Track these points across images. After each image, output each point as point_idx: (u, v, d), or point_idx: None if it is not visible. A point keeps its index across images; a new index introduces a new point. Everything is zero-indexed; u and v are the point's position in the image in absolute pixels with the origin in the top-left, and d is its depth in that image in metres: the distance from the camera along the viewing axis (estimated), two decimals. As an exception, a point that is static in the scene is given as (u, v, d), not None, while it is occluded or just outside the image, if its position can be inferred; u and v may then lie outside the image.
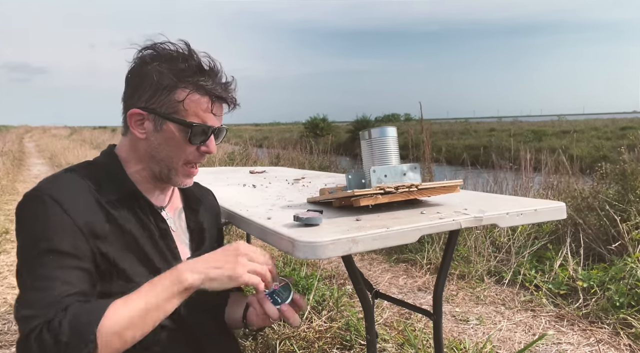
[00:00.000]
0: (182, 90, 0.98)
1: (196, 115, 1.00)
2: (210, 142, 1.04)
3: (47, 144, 20.96)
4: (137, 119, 1.01)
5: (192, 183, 1.10)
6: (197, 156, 1.05)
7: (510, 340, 2.30)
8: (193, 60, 0.99)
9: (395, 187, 1.14)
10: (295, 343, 2.20)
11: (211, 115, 1.01)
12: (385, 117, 41.86)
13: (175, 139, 1.00)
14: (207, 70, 1.00)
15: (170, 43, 1.00)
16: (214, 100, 1.01)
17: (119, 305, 0.82)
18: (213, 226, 1.24)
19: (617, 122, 28.11)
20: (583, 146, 14.12)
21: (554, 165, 4.77)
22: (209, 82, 0.99)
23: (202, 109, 1.00)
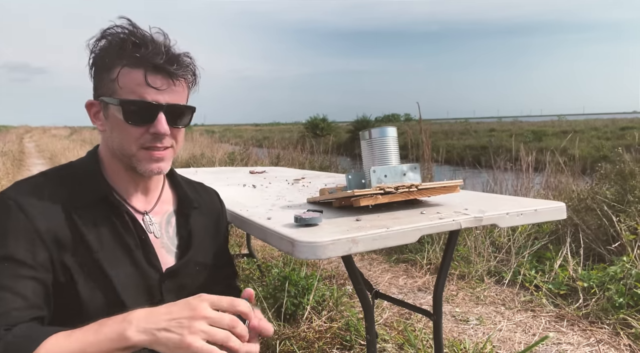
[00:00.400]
0: (116, 68, 0.89)
1: (132, 91, 0.89)
2: (158, 121, 0.91)
3: (47, 144, 20.96)
4: (95, 111, 0.95)
5: (167, 167, 0.98)
6: (150, 139, 0.92)
7: (510, 340, 2.30)
8: (131, 34, 0.90)
9: (395, 187, 1.14)
10: (295, 343, 2.20)
11: (150, 89, 0.89)
12: (385, 117, 41.85)
13: (118, 123, 0.91)
14: (143, 42, 0.89)
15: (117, 26, 0.91)
16: (150, 71, 0.89)
17: (59, 339, 0.73)
18: (209, 230, 1.13)
19: (617, 122, 28.11)
20: (583, 146, 14.12)
21: (553, 166, 4.77)
22: (141, 52, 0.88)
23: (137, 83, 0.89)
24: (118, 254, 0.93)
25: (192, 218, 1.08)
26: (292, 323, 2.42)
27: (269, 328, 0.83)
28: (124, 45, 0.89)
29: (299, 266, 3.14)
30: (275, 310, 2.44)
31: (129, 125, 0.90)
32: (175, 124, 0.95)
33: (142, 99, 0.89)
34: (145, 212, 1.01)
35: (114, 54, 0.89)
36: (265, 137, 20.04)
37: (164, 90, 0.91)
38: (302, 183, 1.94)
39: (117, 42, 0.89)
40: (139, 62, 0.88)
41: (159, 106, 0.90)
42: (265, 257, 3.65)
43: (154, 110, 0.90)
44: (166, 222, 1.05)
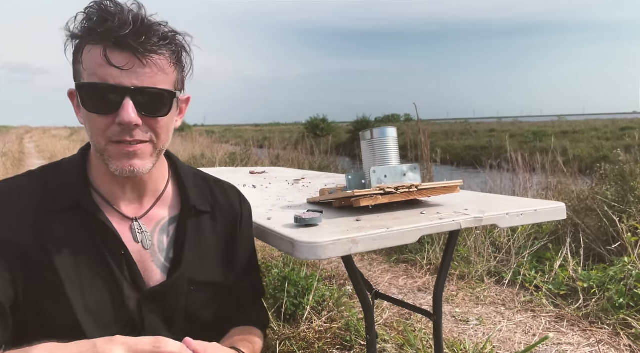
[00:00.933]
0: (81, 48, 0.76)
1: (93, 73, 0.74)
2: (122, 108, 0.74)
3: (47, 144, 20.95)
4: (75, 102, 0.82)
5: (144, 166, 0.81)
6: (117, 131, 0.76)
7: (510, 340, 2.30)
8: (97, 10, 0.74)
9: (395, 187, 1.14)
10: (295, 343, 2.20)
11: (113, 69, 0.73)
12: (385, 117, 41.86)
13: (84, 113, 0.78)
14: (107, 13, 0.73)
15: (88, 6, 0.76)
16: (111, 47, 0.73)
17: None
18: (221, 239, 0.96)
19: (617, 122, 28.12)
20: (583, 147, 14.13)
21: (552, 166, 4.77)
22: (106, 26, 0.72)
23: (97, 63, 0.73)
24: (91, 271, 0.81)
25: (193, 226, 0.92)
26: (292, 324, 2.42)
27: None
28: (89, 21, 0.74)
29: (299, 266, 3.14)
30: (275, 311, 2.44)
31: (93, 115, 0.76)
32: (150, 113, 0.77)
33: (102, 82, 0.73)
34: (134, 218, 0.87)
35: (81, 32, 0.75)
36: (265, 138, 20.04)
37: (129, 70, 0.74)
38: (302, 184, 1.94)
39: (84, 18, 0.75)
40: (100, 37, 0.73)
41: (123, 89, 0.74)
42: (265, 258, 3.65)
43: (117, 95, 0.74)
44: (161, 229, 0.90)
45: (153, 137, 0.80)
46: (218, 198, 0.98)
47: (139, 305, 0.84)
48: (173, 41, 0.79)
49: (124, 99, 0.74)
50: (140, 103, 0.76)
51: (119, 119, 0.75)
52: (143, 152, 0.80)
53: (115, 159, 0.78)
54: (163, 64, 0.78)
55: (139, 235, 0.87)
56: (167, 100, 0.79)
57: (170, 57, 0.79)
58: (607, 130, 21.86)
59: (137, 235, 0.86)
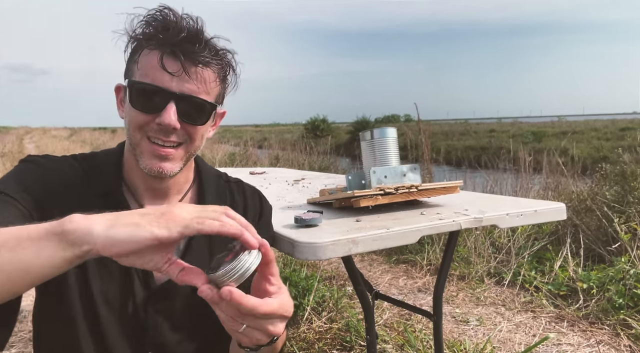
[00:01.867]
0: (139, 49, 0.81)
1: (146, 74, 0.79)
2: (165, 111, 0.79)
3: (47, 144, 20.95)
4: (121, 97, 0.87)
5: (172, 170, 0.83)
6: (155, 130, 0.80)
7: (510, 341, 2.30)
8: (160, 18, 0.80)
9: (395, 188, 1.14)
10: (295, 344, 2.20)
11: (165, 73, 0.78)
12: (385, 117, 41.86)
13: (127, 107, 0.83)
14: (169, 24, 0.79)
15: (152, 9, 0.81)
16: (168, 53, 0.78)
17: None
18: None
19: (617, 122, 28.12)
20: (583, 147, 14.13)
21: (553, 166, 4.77)
22: (167, 34, 0.78)
23: (152, 65, 0.79)
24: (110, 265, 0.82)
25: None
26: (292, 324, 2.41)
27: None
28: (151, 27, 0.80)
29: (299, 267, 3.14)
30: (275, 311, 2.44)
31: (135, 111, 0.80)
32: (189, 119, 0.82)
33: (152, 83, 0.78)
34: None
35: (142, 36, 0.81)
36: (265, 138, 20.03)
37: (179, 77, 0.79)
38: (302, 184, 1.94)
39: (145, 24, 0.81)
40: (159, 43, 0.78)
41: (170, 94, 0.79)
42: (265, 258, 3.65)
43: (163, 98, 0.79)
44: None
45: (188, 142, 0.84)
46: (235, 198, 0.99)
47: (144, 303, 0.85)
48: (223, 58, 0.84)
49: (168, 102, 0.79)
50: (181, 109, 0.80)
51: (159, 119, 0.79)
52: (174, 156, 0.83)
53: (146, 157, 0.82)
54: (210, 77, 0.82)
55: None
56: (207, 111, 0.84)
57: (218, 71, 0.84)
58: (607, 131, 21.85)
59: None
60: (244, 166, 8.25)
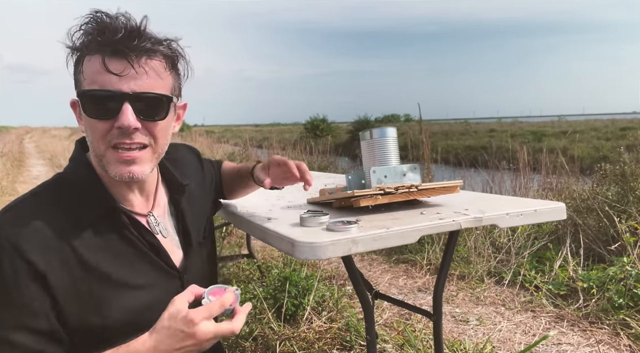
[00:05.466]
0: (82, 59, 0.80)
1: (93, 81, 0.77)
2: (122, 113, 0.77)
3: (47, 144, 20.95)
4: (77, 110, 0.85)
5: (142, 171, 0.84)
6: (117, 135, 0.79)
7: (510, 340, 2.30)
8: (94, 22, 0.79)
9: (395, 187, 1.14)
10: (295, 343, 2.20)
11: (111, 76, 0.77)
12: (385, 117, 41.85)
13: (85, 119, 0.81)
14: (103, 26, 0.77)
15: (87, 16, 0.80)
16: (108, 54, 0.77)
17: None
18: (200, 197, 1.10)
19: (617, 122, 28.12)
20: (583, 146, 14.13)
21: (552, 166, 4.77)
22: (103, 36, 0.77)
23: (96, 70, 0.77)
24: (137, 266, 0.88)
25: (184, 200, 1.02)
26: (292, 324, 2.41)
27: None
28: (88, 33, 0.78)
29: (299, 266, 3.14)
30: (276, 311, 2.44)
31: (93, 120, 0.79)
32: (149, 117, 0.81)
33: (101, 88, 0.77)
34: (148, 213, 0.95)
35: (81, 44, 0.79)
36: (265, 138, 20.03)
37: (127, 76, 0.77)
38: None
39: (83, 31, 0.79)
40: (98, 46, 0.77)
41: (122, 95, 0.77)
42: (265, 258, 3.65)
43: (116, 100, 0.77)
44: (168, 214, 1.00)
45: (152, 141, 0.84)
46: (185, 166, 1.09)
47: (181, 282, 0.95)
48: (167, 46, 0.83)
49: (122, 104, 0.78)
50: (138, 108, 0.79)
51: (118, 123, 0.78)
52: (142, 159, 0.84)
53: (113, 165, 0.82)
54: (158, 69, 0.81)
55: (157, 227, 0.95)
56: (165, 105, 0.83)
57: (165, 60, 0.83)
58: (607, 130, 21.86)
59: (155, 228, 0.94)
60: (244, 166, 8.25)
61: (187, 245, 1.00)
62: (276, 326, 2.33)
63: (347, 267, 1.24)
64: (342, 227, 0.97)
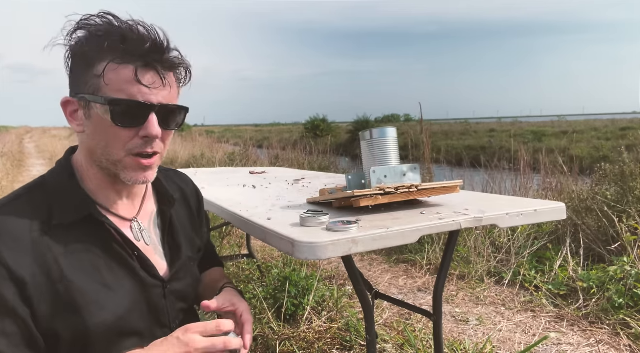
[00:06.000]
0: (101, 63, 0.79)
1: (120, 89, 0.79)
2: (149, 123, 0.81)
3: (47, 144, 20.94)
4: (72, 110, 0.85)
5: (154, 176, 0.89)
6: (140, 144, 0.83)
7: (510, 340, 2.30)
8: (114, 27, 0.80)
9: (395, 187, 1.14)
10: (295, 343, 2.20)
11: (141, 87, 0.80)
12: (385, 117, 41.83)
13: (103, 124, 0.81)
14: (130, 34, 0.79)
15: (94, 16, 0.81)
16: (140, 66, 0.79)
17: None
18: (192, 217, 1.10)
19: (617, 122, 28.09)
20: (583, 146, 14.12)
21: (552, 166, 4.77)
22: (130, 46, 0.79)
23: (125, 80, 0.79)
24: (116, 274, 0.86)
25: (174, 213, 1.02)
26: (292, 324, 2.42)
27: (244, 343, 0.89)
28: (109, 38, 0.79)
29: (299, 266, 3.14)
30: (276, 311, 2.44)
31: (117, 128, 0.80)
32: (168, 126, 0.86)
33: (133, 99, 0.79)
34: (133, 218, 0.94)
35: (98, 47, 0.79)
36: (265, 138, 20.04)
37: (155, 89, 0.81)
38: (302, 184, 1.94)
39: (101, 34, 0.79)
40: (128, 56, 0.79)
41: (151, 106, 0.81)
42: (265, 258, 3.65)
43: (145, 111, 0.81)
44: (153, 223, 0.98)
45: (162, 148, 0.88)
46: (181, 185, 1.11)
47: (162, 292, 0.93)
48: (184, 62, 0.87)
49: (149, 114, 0.82)
50: (161, 118, 0.84)
51: (145, 132, 0.82)
52: (155, 164, 0.88)
53: (131, 170, 0.85)
54: (174, 81, 0.87)
55: (140, 234, 0.94)
56: (182, 115, 0.89)
57: (181, 76, 0.89)
58: (607, 130, 21.84)
59: (138, 234, 0.93)
60: (244, 166, 8.26)
61: (175, 256, 0.99)
62: (276, 326, 2.33)
63: (347, 267, 1.24)
64: (342, 227, 0.97)
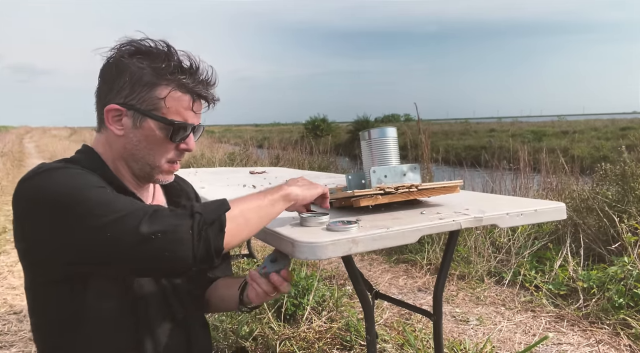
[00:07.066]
0: (163, 88, 0.97)
1: (177, 113, 0.99)
2: (190, 139, 1.04)
3: (47, 144, 20.94)
4: (115, 115, 0.98)
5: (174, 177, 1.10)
6: (177, 154, 1.04)
7: (510, 340, 2.30)
8: (173, 57, 0.98)
9: (395, 187, 1.14)
10: (295, 343, 2.20)
11: (192, 113, 1.01)
12: (385, 117, 41.80)
13: (155, 137, 0.99)
14: (188, 68, 1.00)
15: (150, 40, 0.98)
16: (195, 98, 1.01)
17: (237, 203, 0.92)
18: None
19: (617, 122, 28.07)
20: (583, 146, 14.12)
21: (552, 166, 4.77)
22: (190, 80, 0.99)
23: (184, 107, 0.99)
24: None
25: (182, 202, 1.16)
26: (292, 324, 2.42)
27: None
28: (171, 68, 0.97)
29: (299, 266, 3.14)
30: (276, 311, 2.44)
31: (168, 142, 1.00)
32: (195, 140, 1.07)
33: (186, 122, 1.00)
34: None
35: (162, 74, 0.96)
36: (265, 138, 20.03)
37: (199, 114, 1.03)
38: (302, 184, 1.94)
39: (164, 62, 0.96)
40: (188, 88, 0.99)
41: (193, 127, 1.02)
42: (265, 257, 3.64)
43: (189, 131, 1.02)
44: None
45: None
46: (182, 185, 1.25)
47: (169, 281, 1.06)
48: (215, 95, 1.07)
49: (190, 133, 1.03)
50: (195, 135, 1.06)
51: (185, 146, 1.03)
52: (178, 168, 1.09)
53: (165, 174, 1.05)
54: None
55: None
56: (202, 132, 1.09)
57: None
58: (607, 130, 21.84)
59: None
60: (244, 165, 8.25)
61: None
62: (276, 326, 2.33)
63: (347, 267, 1.24)
64: (342, 227, 0.97)
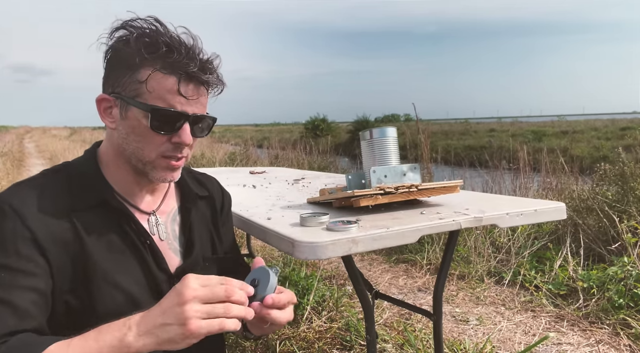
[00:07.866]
0: (145, 69, 0.84)
1: (161, 98, 0.84)
2: (183, 131, 0.87)
3: (47, 144, 20.94)
4: (106, 106, 0.89)
5: (178, 176, 0.95)
6: (171, 148, 0.89)
7: (510, 340, 2.30)
8: (161, 35, 0.84)
9: (395, 187, 1.14)
10: (295, 343, 2.20)
11: (181, 98, 0.85)
12: (385, 117, 41.80)
13: (140, 127, 0.86)
14: (177, 45, 0.84)
15: (140, 19, 0.85)
16: (183, 79, 0.84)
17: (59, 348, 0.70)
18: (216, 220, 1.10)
19: (617, 122, 28.08)
20: (583, 146, 14.13)
21: (552, 166, 4.77)
22: (177, 58, 0.83)
23: (168, 91, 0.84)
24: (127, 259, 0.90)
25: (195, 212, 1.04)
26: (292, 324, 2.41)
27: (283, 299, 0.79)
28: (156, 47, 0.83)
29: (299, 266, 3.14)
30: (275, 311, 2.44)
31: (154, 133, 0.86)
32: (197, 135, 0.92)
33: (172, 108, 0.85)
34: (152, 212, 0.98)
35: (143, 54, 0.83)
36: (265, 137, 20.04)
37: (193, 100, 0.87)
38: (302, 184, 1.94)
39: (148, 41, 0.84)
40: (173, 68, 0.84)
41: (187, 116, 0.87)
42: (265, 257, 3.65)
43: (181, 120, 0.87)
44: (172, 219, 1.01)
45: (189, 152, 0.94)
46: (208, 186, 1.13)
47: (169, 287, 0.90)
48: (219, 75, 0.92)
49: (184, 123, 0.88)
50: (193, 127, 0.90)
51: (177, 139, 0.88)
52: (181, 166, 0.94)
53: (160, 170, 0.91)
54: (205, 92, 0.91)
55: (156, 228, 0.97)
56: (211, 125, 0.95)
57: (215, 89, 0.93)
58: (607, 130, 21.84)
59: (154, 228, 0.97)
60: (244, 165, 8.25)
61: (187, 254, 1.00)
62: (276, 326, 2.33)
63: (347, 267, 1.24)
64: (342, 227, 0.97)
